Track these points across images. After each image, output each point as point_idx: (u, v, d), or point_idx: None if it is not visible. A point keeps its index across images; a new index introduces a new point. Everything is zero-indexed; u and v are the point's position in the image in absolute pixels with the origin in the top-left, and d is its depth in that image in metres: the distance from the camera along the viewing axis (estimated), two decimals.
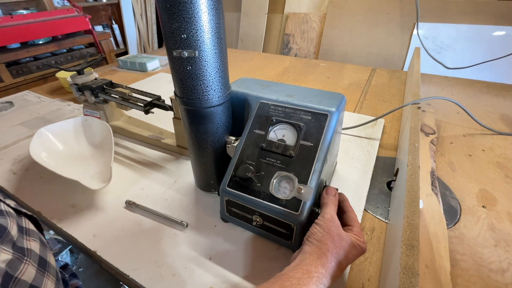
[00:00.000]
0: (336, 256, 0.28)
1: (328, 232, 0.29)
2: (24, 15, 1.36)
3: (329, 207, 0.33)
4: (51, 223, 0.44)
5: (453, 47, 1.14)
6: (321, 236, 0.29)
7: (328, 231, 0.30)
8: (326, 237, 0.29)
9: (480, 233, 0.40)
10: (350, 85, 0.92)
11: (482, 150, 0.58)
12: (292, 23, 1.47)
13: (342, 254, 0.29)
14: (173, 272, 0.35)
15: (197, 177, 0.47)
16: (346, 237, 0.30)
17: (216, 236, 0.40)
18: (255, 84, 0.45)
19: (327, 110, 0.36)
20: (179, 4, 0.29)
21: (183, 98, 0.36)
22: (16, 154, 0.60)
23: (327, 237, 0.29)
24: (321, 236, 0.29)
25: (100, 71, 1.12)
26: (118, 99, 0.57)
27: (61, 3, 1.88)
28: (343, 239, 0.30)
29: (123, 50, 2.36)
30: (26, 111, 0.79)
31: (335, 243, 0.29)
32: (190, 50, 0.31)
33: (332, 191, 0.35)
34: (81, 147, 0.57)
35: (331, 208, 0.33)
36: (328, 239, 0.29)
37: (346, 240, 0.30)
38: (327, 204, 0.33)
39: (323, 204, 0.34)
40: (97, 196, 0.48)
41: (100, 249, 0.39)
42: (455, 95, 0.82)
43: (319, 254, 0.28)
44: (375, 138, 0.62)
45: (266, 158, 0.36)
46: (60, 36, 1.57)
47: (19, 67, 1.39)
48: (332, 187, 0.36)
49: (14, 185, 0.51)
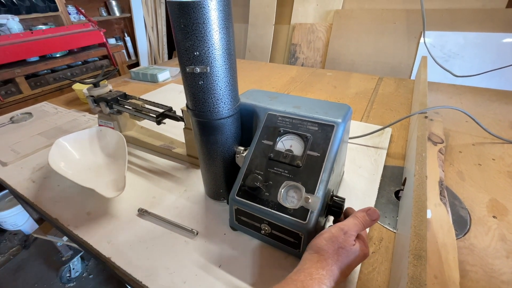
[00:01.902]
0: (337, 264, 0.29)
1: (331, 244, 0.30)
2: (43, 30, 1.44)
3: (352, 223, 0.31)
4: (67, 230, 0.46)
5: (461, 54, 1.14)
6: (323, 245, 0.30)
7: (332, 243, 0.30)
8: (329, 246, 0.30)
9: (491, 243, 0.40)
10: (357, 94, 0.93)
11: (492, 159, 0.57)
12: (298, 33, 1.50)
13: (344, 263, 0.29)
14: (184, 279, 0.36)
15: (207, 186, 0.48)
16: (352, 251, 0.30)
17: (225, 244, 0.41)
18: (263, 95, 0.46)
19: (333, 121, 0.37)
20: (192, 24, 0.31)
21: (195, 111, 0.38)
22: (35, 163, 0.63)
23: (330, 247, 0.30)
24: (323, 245, 0.30)
25: (113, 82, 1.16)
26: (132, 110, 0.60)
27: (77, 17, 1.97)
28: (348, 252, 0.30)
29: (134, 62, 2.44)
30: (44, 121, 0.83)
31: (338, 254, 0.29)
32: (202, 66, 0.33)
33: (374, 213, 0.33)
34: (96, 157, 0.59)
35: (354, 224, 0.31)
36: (330, 249, 0.29)
37: (352, 252, 0.30)
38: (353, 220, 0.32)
39: (351, 216, 0.33)
40: (111, 204, 0.49)
41: (114, 255, 0.40)
42: (464, 103, 0.82)
43: (318, 258, 0.29)
44: (382, 147, 0.62)
45: (274, 168, 0.37)
46: (76, 49, 1.65)
47: (37, 79, 1.45)
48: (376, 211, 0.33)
49: (33, 193, 0.54)
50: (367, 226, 0.32)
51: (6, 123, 0.83)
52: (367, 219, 0.32)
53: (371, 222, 0.33)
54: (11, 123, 0.83)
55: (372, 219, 0.32)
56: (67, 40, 1.50)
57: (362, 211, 0.33)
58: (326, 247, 0.30)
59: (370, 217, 0.32)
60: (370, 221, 0.32)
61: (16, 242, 1.42)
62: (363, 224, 0.32)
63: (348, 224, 0.31)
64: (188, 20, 0.30)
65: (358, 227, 0.32)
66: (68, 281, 1.21)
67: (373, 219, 0.33)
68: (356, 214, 0.33)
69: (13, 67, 1.35)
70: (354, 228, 0.31)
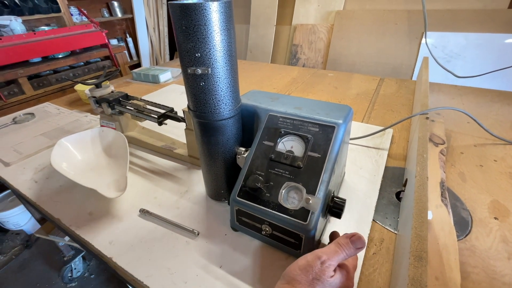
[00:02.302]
0: None
1: (305, 273, 0.27)
2: (46, 31, 1.44)
3: (332, 250, 0.28)
4: (69, 230, 0.46)
5: (463, 55, 1.14)
6: (296, 275, 0.27)
7: (306, 272, 0.27)
8: (302, 277, 0.27)
9: (493, 245, 0.40)
10: (358, 95, 0.93)
11: (494, 160, 0.57)
12: (300, 34, 1.50)
13: None
14: (184, 279, 0.37)
15: (208, 186, 0.48)
16: (330, 283, 0.27)
17: (226, 245, 0.41)
18: (264, 96, 0.46)
19: (334, 122, 0.37)
20: (194, 26, 0.31)
21: (196, 112, 0.38)
22: (37, 163, 0.63)
23: (303, 277, 0.27)
24: (296, 275, 0.27)
25: (115, 83, 1.17)
26: (134, 111, 0.60)
27: (79, 18, 1.98)
28: (325, 285, 0.26)
29: (136, 62, 2.45)
30: (47, 122, 0.84)
31: (312, 286, 0.26)
32: (203, 68, 0.33)
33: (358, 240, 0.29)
34: (97, 157, 0.60)
35: (334, 252, 0.28)
36: (303, 279, 0.27)
37: (330, 285, 0.27)
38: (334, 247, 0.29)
39: (333, 241, 0.30)
40: (112, 205, 0.50)
41: (116, 255, 0.40)
42: (465, 104, 0.82)
43: None
44: (383, 148, 0.62)
45: (275, 169, 0.37)
46: (78, 50, 1.65)
47: (39, 80, 1.46)
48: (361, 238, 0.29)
49: (35, 193, 0.54)
50: (350, 255, 0.29)
51: (8, 124, 0.83)
52: (351, 247, 0.29)
53: (355, 250, 0.29)
54: (14, 124, 0.83)
55: (357, 247, 0.29)
56: (69, 41, 1.51)
57: (346, 237, 0.30)
58: (299, 277, 0.27)
59: (354, 245, 0.29)
60: (354, 249, 0.29)
61: (18, 242, 1.43)
62: (345, 253, 0.28)
63: (327, 251, 0.28)
64: (189, 22, 0.31)
65: (339, 256, 0.28)
66: (69, 280, 1.22)
67: (358, 247, 0.29)
68: (339, 241, 0.29)
69: (15, 68, 1.35)
70: (333, 257, 0.28)
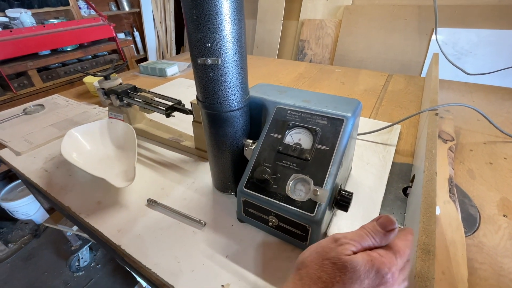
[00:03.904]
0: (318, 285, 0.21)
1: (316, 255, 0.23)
2: (55, 24, 1.46)
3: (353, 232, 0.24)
4: (79, 218, 0.47)
5: (474, 52, 1.11)
6: (305, 257, 0.23)
7: (317, 254, 0.23)
8: (311, 259, 0.22)
9: (501, 242, 0.39)
10: (366, 90, 0.92)
11: (504, 158, 0.56)
12: (307, 29, 1.48)
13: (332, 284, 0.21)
14: (192, 268, 0.37)
15: (215, 178, 0.49)
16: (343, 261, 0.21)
17: (232, 236, 0.42)
18: (272, 89, 0.46)
19: (343, 115, 0.37)
20: (204, 16, 0.31)
21: (205, 103, 0.38)
22: (47, 153, 0.65)
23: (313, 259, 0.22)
24: (305, 257, 0.23)
25: (122, 76, 1.17)
26: (142, 103, 0.60)
27: (87, 12, 1.99)
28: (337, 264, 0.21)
29: (143, 56, 2.46)
30: (56, 113, 0.85)
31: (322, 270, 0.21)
32: (213, 58, 0.33)
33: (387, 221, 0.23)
34: (106, 148, 0.60)
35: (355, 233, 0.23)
36: (312, 262, 0.22)
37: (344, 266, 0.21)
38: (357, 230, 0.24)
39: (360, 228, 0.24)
40: (121, 194, 0.50)
41: (124, 243, 0.41)
42: (476, 101, 0.80)
43: (293, 277, 0.23)
44: (391, 144, 0.61)
45: (283, 161, 0.37)
46: (86, 43, 1.67)
47: (48, 72, 1.48)
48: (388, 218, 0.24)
49: (45, 181, 0.55)
50: (379, 240, 0.23)
51: (19, 114, 0.85)
52: (378, 229, 0.23)
53: (385, 234, 0.23)
54: (24, 115, 0.85)
55: (386, 230, 0.23)
56: (77, 34, 1.52)
57: (372, 220, 0.25)
58: (309, 259, 0.22)
59: (382, 227, 0.23)
60: (383, 232, 0.23)
61: (27, 231, 1.47)
62: (371, 236, 0.23)
63: (347, 233, 0.24)
64: (200, 11, 0.31)
65: (362, 238, 0.23)
66: (77, 270, 1.24)
67: (388, 229, 0.23)
68: (364, 225, 0.25)
69: (25, 60, 1.37)
70: (353, 237, 0.23)
